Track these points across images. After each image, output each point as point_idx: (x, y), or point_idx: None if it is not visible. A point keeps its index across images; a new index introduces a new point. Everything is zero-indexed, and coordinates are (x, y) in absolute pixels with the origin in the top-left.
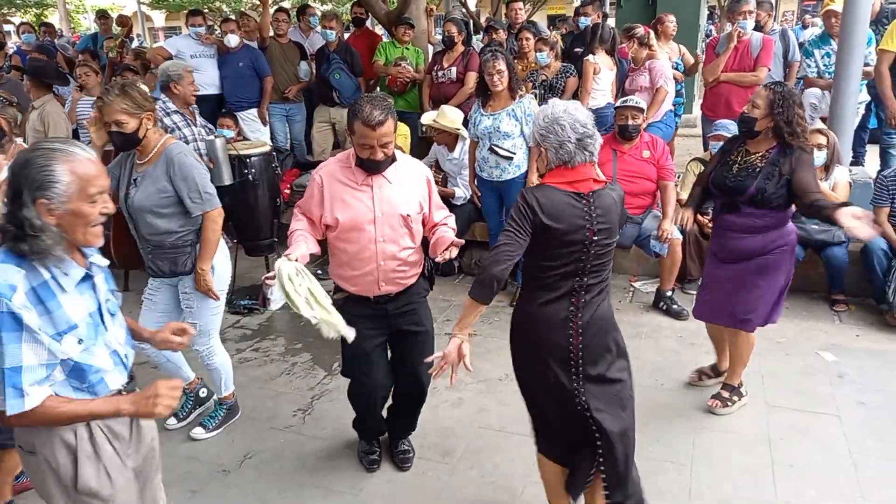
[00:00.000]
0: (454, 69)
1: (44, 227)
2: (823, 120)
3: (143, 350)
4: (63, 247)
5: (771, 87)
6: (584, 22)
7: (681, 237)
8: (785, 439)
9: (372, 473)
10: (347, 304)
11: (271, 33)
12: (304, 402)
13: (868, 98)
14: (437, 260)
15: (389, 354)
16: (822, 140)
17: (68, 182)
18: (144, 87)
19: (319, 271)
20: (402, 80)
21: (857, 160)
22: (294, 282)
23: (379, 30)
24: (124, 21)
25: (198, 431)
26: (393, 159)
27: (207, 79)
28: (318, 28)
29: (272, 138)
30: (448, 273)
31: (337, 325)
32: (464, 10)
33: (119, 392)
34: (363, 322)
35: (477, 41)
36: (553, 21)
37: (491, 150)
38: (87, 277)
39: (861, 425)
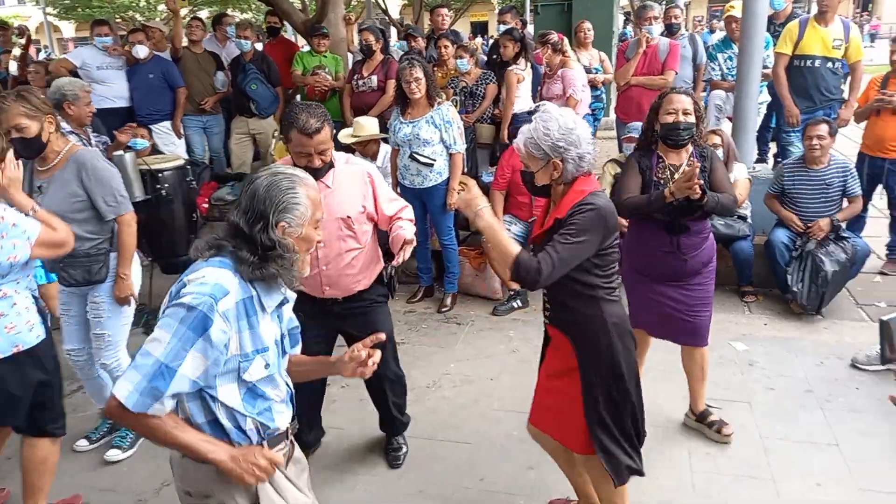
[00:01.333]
0: (374, 77)
1: (292, 247)
2: (730, 119)
3: (69, 359)
4: (297, 268)
5: (685, 91)
6: (502, 30)
7: None
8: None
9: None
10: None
11: (185, 43)
12: None
13: (769, 98)
14: (393, 263)
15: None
16: (717, 140)
17: (306, 206)
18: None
19: None
20: (320, 90)
21: (762, 158)
22: None
23: (301, 40)
24: (22, 31)
25: (113, 453)
26: (331, 165)
27: (116, 91)
28: (232, 37)
29: (189, 151)
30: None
31: None
32: (385, 17)
33: (286, 431)
34: (307, 320)
35: (400, 47)
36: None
37: (412, 157)
38: (283, 303)
39: (770, 410)
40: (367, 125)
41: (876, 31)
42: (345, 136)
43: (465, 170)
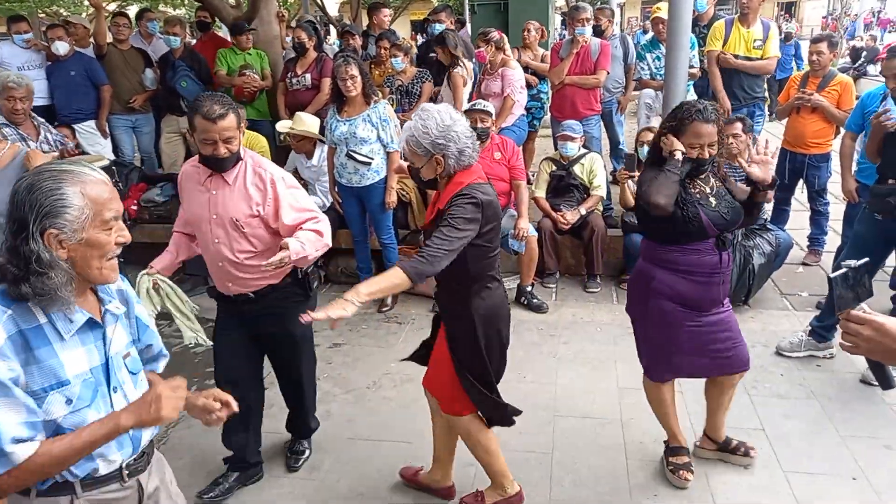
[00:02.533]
0: (308, 76)
1: (53, 263)
2: (660, 117)
3: None
4: (72, 287)
5: (712, 118)
6: (437, 28)
7: (536, 234)
8: (635, 418)
9: (229, 497)
10: (212, 293)
11: (109, 39)
12: (159, 431)
13: (695, 97)
14: (263, 265)
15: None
16: (650, 137)
17: (81, 207)
18: None
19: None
20: (249, 91)
21: None
22: (153, 296)
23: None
24: None
25: None
26: (238, 158)
27: (35, 89)
28: (160, 34)
29: (116, 151)
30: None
31: (198, 333)
32: (322, 15)
33: (118, 473)
34: (221, 318)
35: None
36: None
37: (349, 155)
38: (94, 325)
39: (699, 398)
40: (308, 121)
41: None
42: (282, 126)
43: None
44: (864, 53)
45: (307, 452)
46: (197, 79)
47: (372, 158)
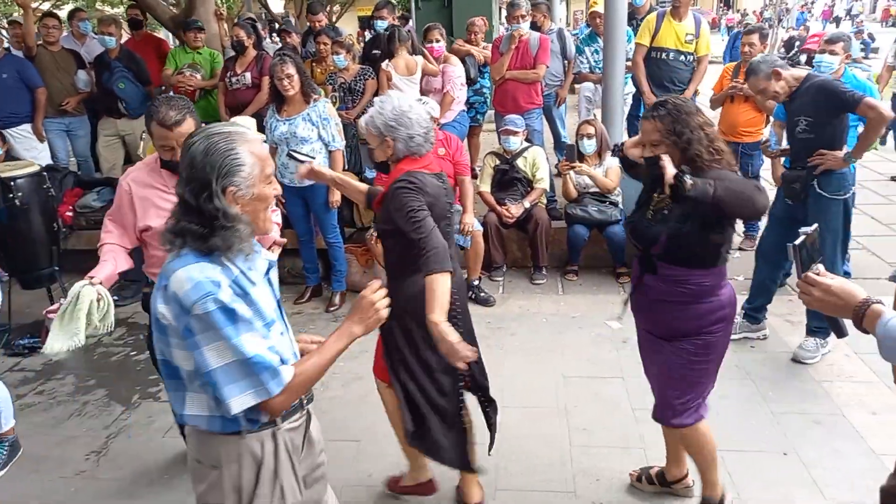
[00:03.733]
0: (248, 75)
1: (238, 217)
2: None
3: None
4: (252, 236)
5: (654, 115)
6: (381, 25)
7: (482, 228)
8: (579, 406)
9: None
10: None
11: (40, 41)
12: (98, 443)
13: (633, 89)
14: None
15: None
16: (591, 130)
17: (252, 164)
18: None
19: (116, 297)
20: (185, 90)
21: None
22: (93, 309)
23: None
24: None
25: None
26: None
27: None
28: (93, 34)
29: (52, 156)
30: None
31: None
32: (266, 13)
33: (300, 402)
34: None
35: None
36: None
37: (290, 155)
38: (269, 269)
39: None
40: (244, 124)
41: (731, 23)
42: None
43: (346, 167)
44: (797, 44)
45: None
46: (135, 80)
47: (313, 157)
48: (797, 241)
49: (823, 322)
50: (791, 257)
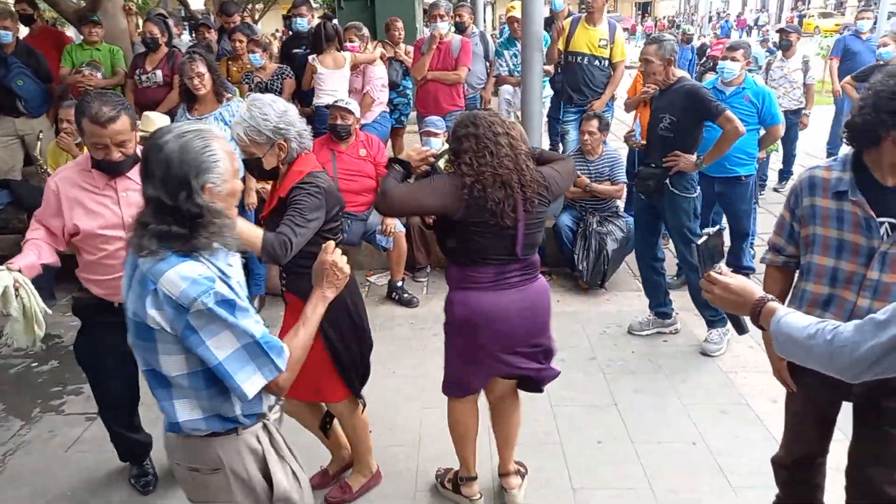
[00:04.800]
0: (159, 72)
1: (220, 211)
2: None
3: None
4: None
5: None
6: (300, 23)
7: (404, 230)
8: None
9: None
10: (87, 309)
11: None
12: None
13: (552, 92)
14: None
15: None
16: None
17: (224, 159)
18: None
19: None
20: (84, 90)
21: (554, 147)
22: (9, 296)
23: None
24: None
25: None
26: (136, 159)
27: None
28: None
29: None
30: None
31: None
32: (183, 8)
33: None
34: (104, 330)
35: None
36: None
37: None
38: (244, 261)
39: (559, 380)
40: (157, 121)
41: (649, 31)
42: None
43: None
44: (708, 50)
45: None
46: (35, 76)
47: None
48: (699, 241)
49: (717, 310)
50: (693, 256)
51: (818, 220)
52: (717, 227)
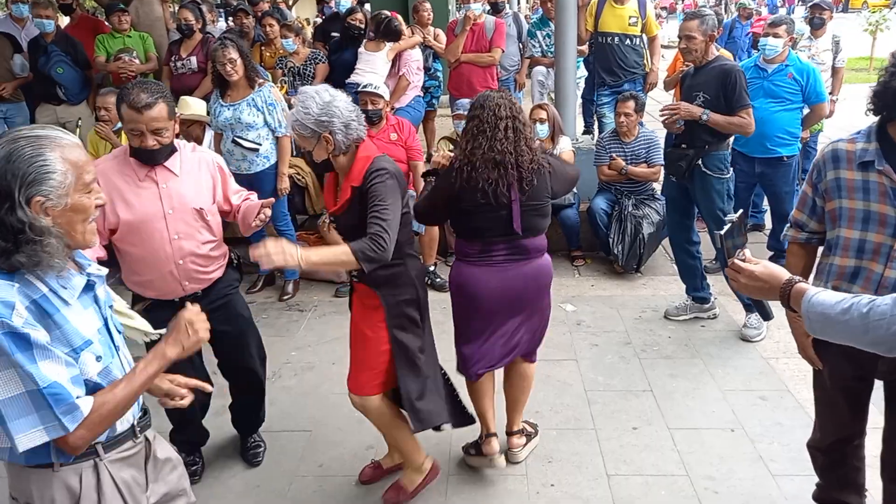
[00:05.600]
0: (194, 59)
1: (47, 229)
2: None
3: None
4: (66, 252)
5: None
6: (343, 4)
7: None
8: (532, 392)
9: None
10: (152, 311)
11: None
12: None
13: (586, 73)
14: (254, 224)
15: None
16: (543, 115)
17: (64, 172)
18: None
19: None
20: (126, 76)
21: (588, 129)
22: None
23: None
24: None
25: None
26: (173, 149)
27: None
28: (30, 17)
29: None
30: None
31: (142, 329)
32: None
33: (131, 430)
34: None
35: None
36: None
37: (234, 142)
38: (89, 287)
39: (593, 365)
40: (194, 105)
41: (688, 9)
42: None
43: (295, 153)
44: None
45: (262, 446)
46: (74, 64)
47: (260, 144)
48: (722, 230)
49: (702, 288)
50: (717, 245)
51: (844, 192)
52: (739, 212)
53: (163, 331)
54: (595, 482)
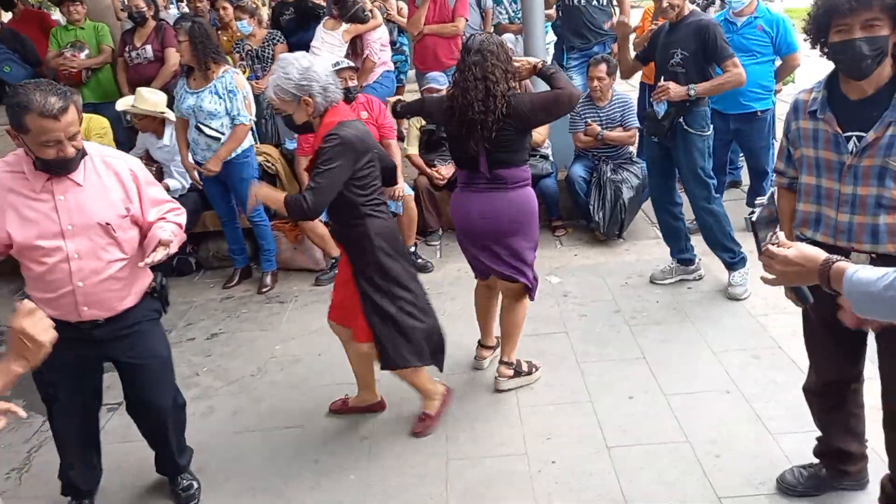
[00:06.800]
0: (149, 47)
1: None
2: None
3: None
4: None
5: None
6: None
7: (413, 193)
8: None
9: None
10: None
11: None
12: (19, 458)
13: (555, 38)
14: (140, 265)
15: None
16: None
17: None
18: None
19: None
20: (68, 72)
21: None
22: None
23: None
24: None
25: None
26: (84, 153)
27: None
28: None
29: None
30: (185, 272)
31: None
32: None
33: None
34: (64, 347)
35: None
36: None
37: (198, 129)
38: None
39: (584, 336)
40: (151, 98)
41: None
42: (122, 104)
43: (263, 139)
44: None
45: (195, 484)
46: (23, 62)
47: (223, 133)
48: (753, 216)
49: (733, 250)
50: (748, 230)
51: (801, 140)
52: (768, 194)
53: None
54: (596, 455)
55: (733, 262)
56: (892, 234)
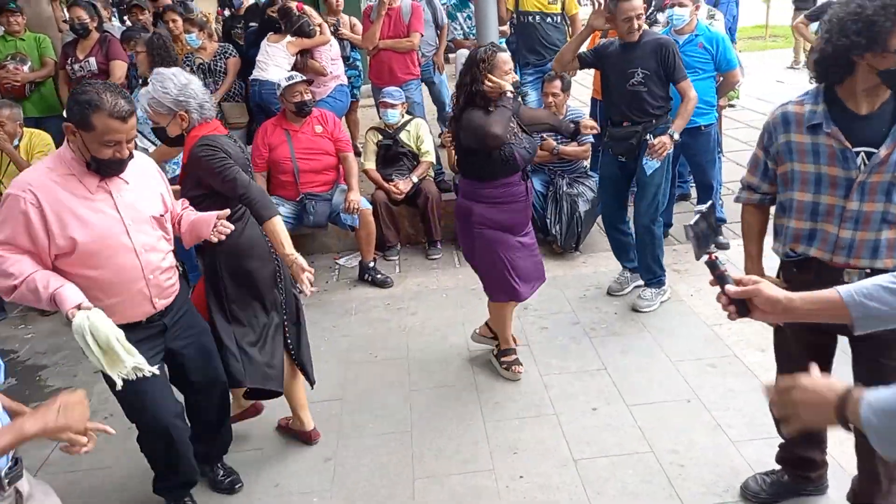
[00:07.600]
0: (93, 59)
1: None
2: None
3: None
4: None
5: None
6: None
7: (370, 207)
8: (488, 382)
9: None
10: None
11: None
12: None
13: (509, 53)
14: (213, 239)
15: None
16: None
17: None
18: None
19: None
20: (10, 86)
21: None
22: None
23: None
24: None
25: None
26: (131, 154)
27: None
28: None
29: None
30: None
31: (140, 364)
32: None
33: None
34: (141, 349)
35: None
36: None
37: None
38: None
39: (545, 348)
40: None
41: None
42: None
43: None
44: (654, 2)
45: (232, 469)
46: None
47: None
48: (692, 221)
49: (657, 272)
50: (687, 237)
51: (795, 155)
52: (709, 203)
53: (156, 369)
54: (563, 468)
55: (651, 281)
56: (891, 249)
